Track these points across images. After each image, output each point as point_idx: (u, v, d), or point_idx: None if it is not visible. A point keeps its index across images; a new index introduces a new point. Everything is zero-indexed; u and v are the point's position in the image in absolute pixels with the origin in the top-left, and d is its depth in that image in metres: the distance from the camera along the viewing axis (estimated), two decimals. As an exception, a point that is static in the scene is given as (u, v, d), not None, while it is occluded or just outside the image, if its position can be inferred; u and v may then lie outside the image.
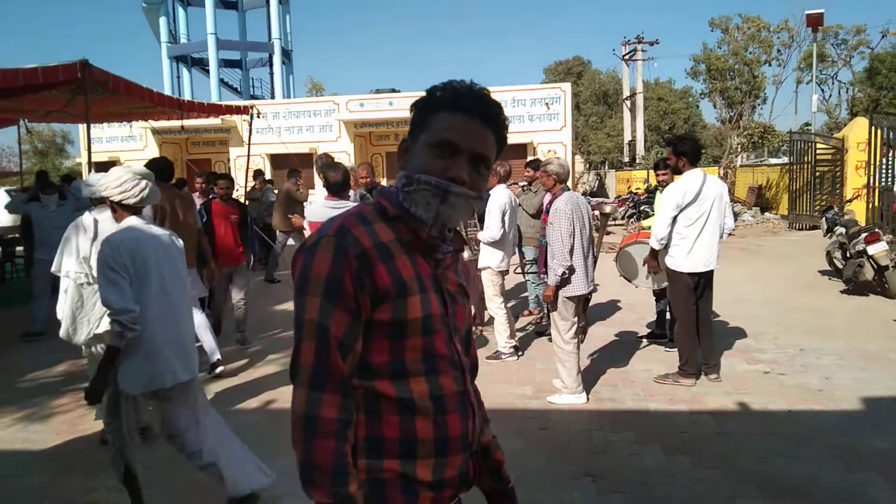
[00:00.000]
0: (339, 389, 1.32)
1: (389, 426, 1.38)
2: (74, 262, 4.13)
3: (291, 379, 1.36)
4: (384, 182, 18.67)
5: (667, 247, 5.19)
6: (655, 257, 5.42)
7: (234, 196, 7.09)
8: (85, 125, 7.90)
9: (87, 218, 4.25)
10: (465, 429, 1.47)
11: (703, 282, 5.18)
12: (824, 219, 10.07)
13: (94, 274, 3.79)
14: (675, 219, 5.07)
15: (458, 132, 1.41)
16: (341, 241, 1.34)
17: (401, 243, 1.41)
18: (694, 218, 5.01)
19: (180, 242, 3.37)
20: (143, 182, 3.19)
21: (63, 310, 4.13)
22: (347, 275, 1.32)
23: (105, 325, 3.93)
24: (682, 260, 5.08)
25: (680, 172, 5.19)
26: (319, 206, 4.89)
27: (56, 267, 4.21)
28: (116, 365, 3.00)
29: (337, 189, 4.84)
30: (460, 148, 1.40)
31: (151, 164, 5.62)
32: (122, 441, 3.18)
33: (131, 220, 3.17)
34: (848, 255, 8.79)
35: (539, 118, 22.27)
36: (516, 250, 7.28)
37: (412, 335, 1.38)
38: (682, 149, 5.12)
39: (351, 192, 5.88)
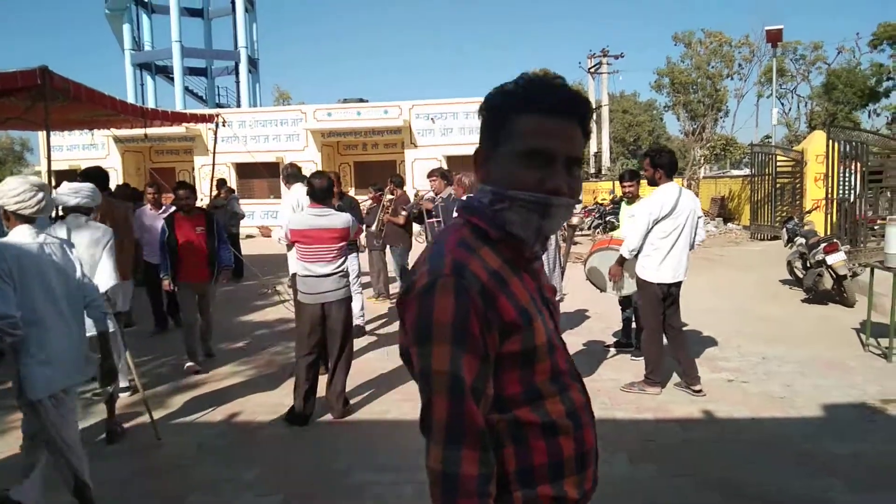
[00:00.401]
0: (477, 444, 1.22)
1: (538, 452, 1.31)
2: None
3: (423, 432, 1.28)
4: (352, 191, 18.56)
5: (636, 256, 5.22)
6: (622, 266, 5.46)
7: (197, 205, 6.59)
8: (45, 133, 7.73)
9: (59, 226, 4.31)
10: (594, 437, 1.42)
11: (671, 292, 5.22)
12: (785, 229, 10.28)
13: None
14: (648, 231, 5.09)
15: (548, 137, 1.27)
16: (461, 281, 1.23)
17: (508, 265, 1.31)
18: (668, 231, 5.03)
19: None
20: (41, 193, 3.19)
21: None
22: (474, 316, 1.22)
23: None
24: (652, 270, 5.11)
25: (656, 184, 5.17)
26: (305, 215, 4.84)
27: None
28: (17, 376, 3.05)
29: (322, 196, 4.82)
30: (554, 155, 1.28)
31: (88, 173, 5.60)
32: (58, 450, 3.13)
33: (21, 229, 3.16)
34: (808, 264, 8.99)
35: (507, 129, 22.39)
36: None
37: (540, 360, 1.32)
38: (659, 161, 5.12)
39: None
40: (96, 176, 5.61)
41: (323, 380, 4.95)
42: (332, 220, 4.78)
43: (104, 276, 4.17)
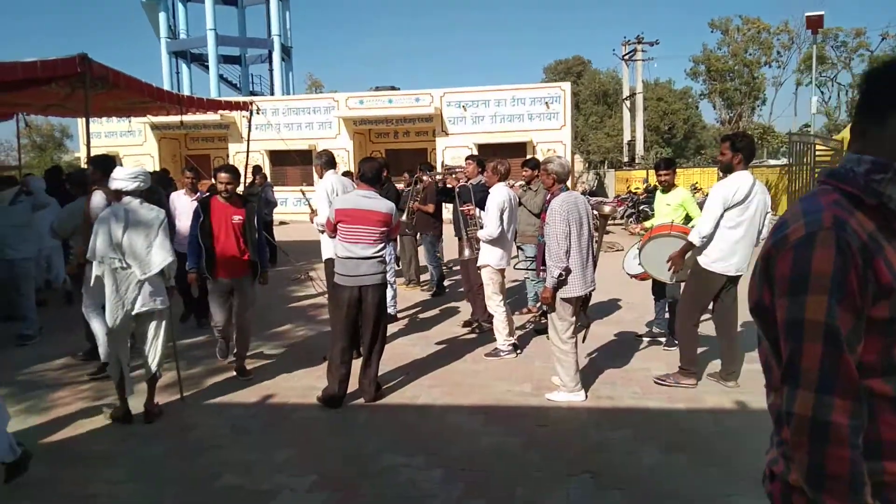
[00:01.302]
0: (851, 393, 1.23)
1: (886, 427, 1.29)
2: (108, 248, 4.40)
3: (785, 381, 1.30)
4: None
5: (704, 245, 4.98)
6: (684, 255, 5.21)
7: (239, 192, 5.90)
8: (84, 119, 7.87)
9: (117, 207, 4.53)
10: None
11: (729, 285, 5.04)
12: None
13: (127, 260, 4.36)
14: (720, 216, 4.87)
15: None
16: (843, 235, 1.25)
17: (881, 233, 1.31)
18: (737, 220, 4.83)
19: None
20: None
21: (98, 293, 4.58)
22: (853, 271, 1.24)
23: (139, 306, 4.41)
24: (716, 260, 4.91)
25: (731, 170, 4.91)
26: (352, 195, 4.97)
27: (91, 253, 4.45)
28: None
29: (372, 179, 4.95)
30: None
31: (96, 160, 5.92)
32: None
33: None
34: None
35: (539, 117, 22.28)
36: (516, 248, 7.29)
37: None
38: (740, 145, 4.84)
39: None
40: (102, 162, 5.74)
41: (356, 364, 4.99)
42: (377, 204, 4.85)
43: (161, 253, 4.49)
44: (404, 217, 8.71)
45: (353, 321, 4.85)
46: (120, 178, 4.54)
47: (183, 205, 7.19)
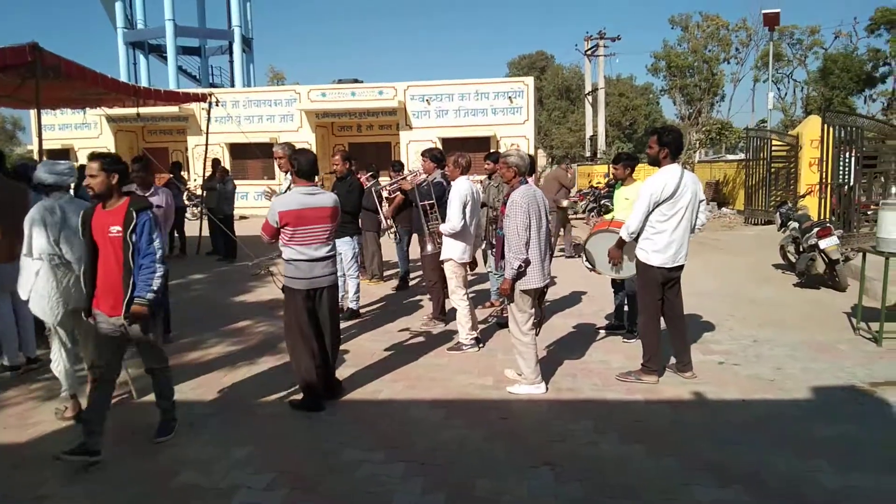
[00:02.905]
0: None
1: None
2: (47, 244, 4.33)
3: None
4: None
5: (636, 239, 5.13)
6: (621, 249, 5.40)
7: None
8: (36, 111, 7.65)
9: (50, 203, 4.44)
10: None
11: (671, 277, 5.13)
12: (778, 214, 10.30)
13: (66, 256, 4.31)
14: (649, 213, 4.98)
15: None
16: None
17: None
18: (669, 214, 4.93)
19: None
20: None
21: (40, 290, 4.39)
22: None
23: (74, 301, 4.38)
24: (653, 254, 5.02)
25: (658, 164, 5.04)
26: (295, 195, 4.58)
27: (27, 250, 4.38)
28: None
29: (311, 173, 4.66)
30: None
31: None
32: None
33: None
34: (801, 249, 9.02)
35: (502, 111, 22.37)
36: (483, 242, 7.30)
37: None
38: (666, 139, 4.97)
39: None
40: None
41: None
42: (322, 199, 4.61)
43: None
44: (384, 224, 8.63)
45: (309, 322, 4.64)
46: (48, 173, 4.45)
47: None
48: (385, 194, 8.61)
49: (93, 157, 3.92)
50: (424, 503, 3.35)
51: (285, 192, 5.41)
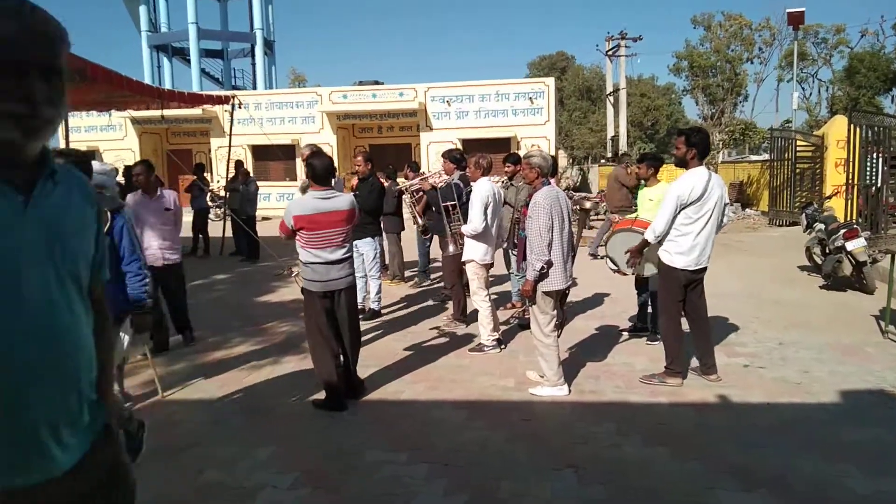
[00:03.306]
0: None
1: None
2: None
3: None
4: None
5: (660, 241, 5.08)
6: (642, 251, 5.34)
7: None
8: (63, 113, 7.78)
9: None
10: None
11: (695, 279, 5.07)
12: (804, 215, 10.17)
13: None
14: (675, 216, 4.92)
15: None
16: None
17: None
18: (695, 217, 4.87)
19: None
20: None
21: None
22: None
23: None
24: (677, 256, 4.96)
25: (685, 165, 4.98)
26: (309, 199, 4.61)
27: None
28: None
29: (326, 177, 4.64)
30: None
31: None
32: None
33: None
34: (827, 250, 8.89)
35: (523, 112, 22.31)
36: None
37: None
38: (694, 140, 4.90)
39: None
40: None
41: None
42: (337, 203, 4.61)
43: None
44: (418, 227, 8.64)
45: (328, 323, 4.69)
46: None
47: (140, 207, 6.04)
48: (407, 198, 8.62)
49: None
50: (447, 504, 3.35)
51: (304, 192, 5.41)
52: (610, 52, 34.82)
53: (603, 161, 30.76)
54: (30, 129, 1.38)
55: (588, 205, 11.80)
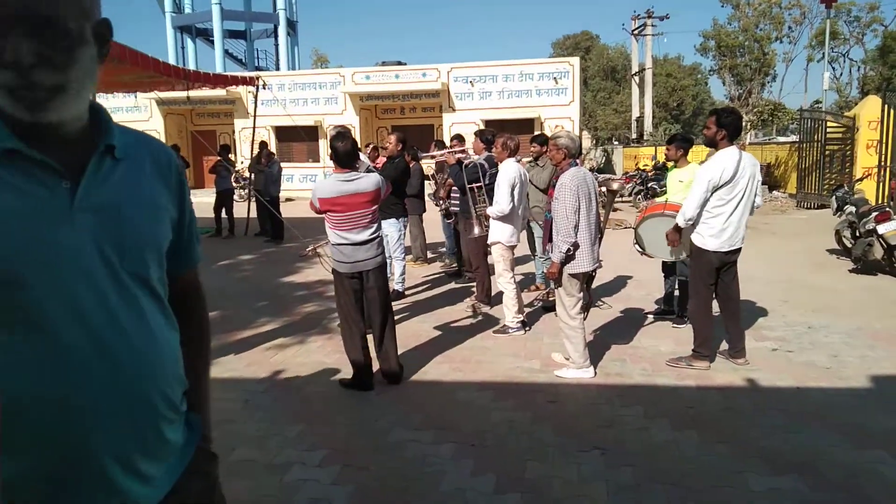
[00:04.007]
0: None
1: None
2: None
3: None
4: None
5: (693, 224, 5.00)
6: (679, 233, 5.22)
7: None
8: (92, 95, 7.85)
9: None
10: None
11: (728, 261, 5.01)
12: (834, 197, 10.00)
13: None
14: (707, 198, 4.85)
15: None
16: None
17: None
18: (727, 198, 4.80)
19: None
20: None
21: None
22: None
23: None
24: (709, 238, 4.90)
25: (715, 145, 4.90)
26: (332, 182, 4.63)
27: None
28: None
29: (348, 160, 4.65)
30: None
31: None
32: None
33: None
34: (857, 234, 8.74)
35: (547, 93, 22.09)
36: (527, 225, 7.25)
37: None
38: (725, 121, 4.81)
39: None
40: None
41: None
42: (361, 184, 4.60)
43: None
44: (439, 208, 8.60)
45: (358, 304, 4.73)
46: None
47: None
48: (430, 184, 8.54)
49: None
50: (475, 484, 3.37)
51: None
52: (636, 32, 34.31)
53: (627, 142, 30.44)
54: (31, 101, 1.10)
55: (615, 185, 11.64)
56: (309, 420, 4.22)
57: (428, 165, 9.89)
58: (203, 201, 16.07)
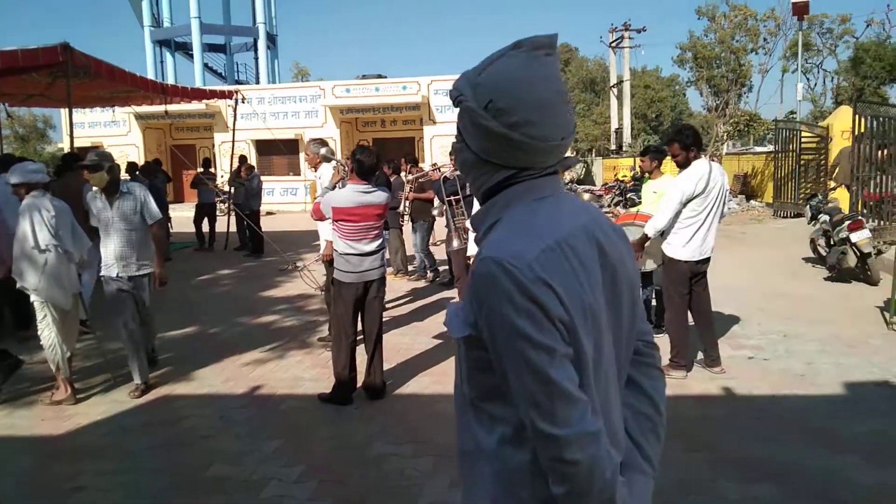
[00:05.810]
0: None
1: None
2: (50, 236, 4.68)
3: None
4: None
5: (663, 233, 5.09)
6: (643, 244, 5.37)
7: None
8: (67, 110, 7.80)
9: (42, 201, 4.74)
10: None
11: (699, 270, 5.08)
12: (808, 206, 10.14)
13: (64, 246, 4.75)
14: (679, 211, 4.94)
15: None
16: None
17: None
18: (699, 209, 4.89)
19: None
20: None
21: (44, 277, 4.70)
22: None
23: (77, 286, 4.97)
24: (680, 248, 4.98)
25: (688, 164, 4.98)
26: (350, 192, 4.69)
27: (34, 242, 4.66)
28: None
29: (370, 173, 4.76)
30: None
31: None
32: None
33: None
34: (832, 242, 8.87)
35: (526, 105, 22.18)
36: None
37: None
38: (688, 141, 4.94)
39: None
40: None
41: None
42: (374, 197, 4.72)
43: (81, 240, 4.96)
44: (400, 208, 8.77)
45: (355, 315, 4.77)
46: (27, 172, 4.79)
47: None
48: (407, 188, 8.69)
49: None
50: (453, 497, 3.37)
51: (331, 188, 5.32)
52: (613, 44, 34.72)
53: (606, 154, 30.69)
54: None
55: (587, 197, 11.75)
56: (287, 435, 4.19)
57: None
58: (183, 216, 15.97)
